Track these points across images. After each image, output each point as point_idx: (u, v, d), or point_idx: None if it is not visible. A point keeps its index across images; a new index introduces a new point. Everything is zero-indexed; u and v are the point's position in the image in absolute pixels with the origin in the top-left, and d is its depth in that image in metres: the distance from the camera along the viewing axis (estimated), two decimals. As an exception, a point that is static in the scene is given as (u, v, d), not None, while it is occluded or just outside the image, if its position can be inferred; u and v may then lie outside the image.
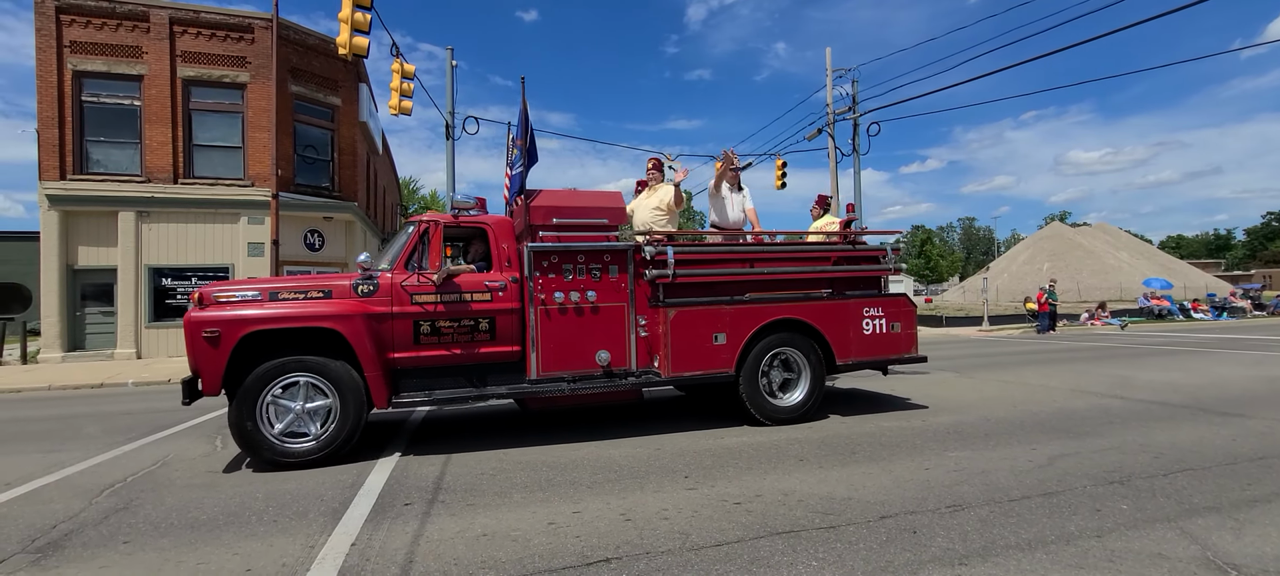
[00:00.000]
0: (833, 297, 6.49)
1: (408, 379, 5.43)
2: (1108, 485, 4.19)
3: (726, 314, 6.01)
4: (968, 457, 4.93)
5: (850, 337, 6.43)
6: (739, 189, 7.42)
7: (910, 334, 6.72)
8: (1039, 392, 8.02)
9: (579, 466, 4.85)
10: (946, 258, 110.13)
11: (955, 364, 11.58)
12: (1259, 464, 4.64)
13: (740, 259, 6.40)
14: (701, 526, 3.56)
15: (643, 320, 5.88)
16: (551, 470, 4.76)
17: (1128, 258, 54.98)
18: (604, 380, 5.70)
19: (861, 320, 6.50)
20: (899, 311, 6.68)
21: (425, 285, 5.34)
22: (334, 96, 18.86)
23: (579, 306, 5.69)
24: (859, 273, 6.74)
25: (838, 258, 6.68)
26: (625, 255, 5.87)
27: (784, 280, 6.39)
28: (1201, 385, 8.44)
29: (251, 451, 4.95)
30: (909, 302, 6.80)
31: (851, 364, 6.45)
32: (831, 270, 6.59)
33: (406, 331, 5.30)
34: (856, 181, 24.94)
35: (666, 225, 6.78)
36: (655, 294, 5.95)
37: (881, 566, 3.01)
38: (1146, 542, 3.25)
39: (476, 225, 5.76)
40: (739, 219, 7.36)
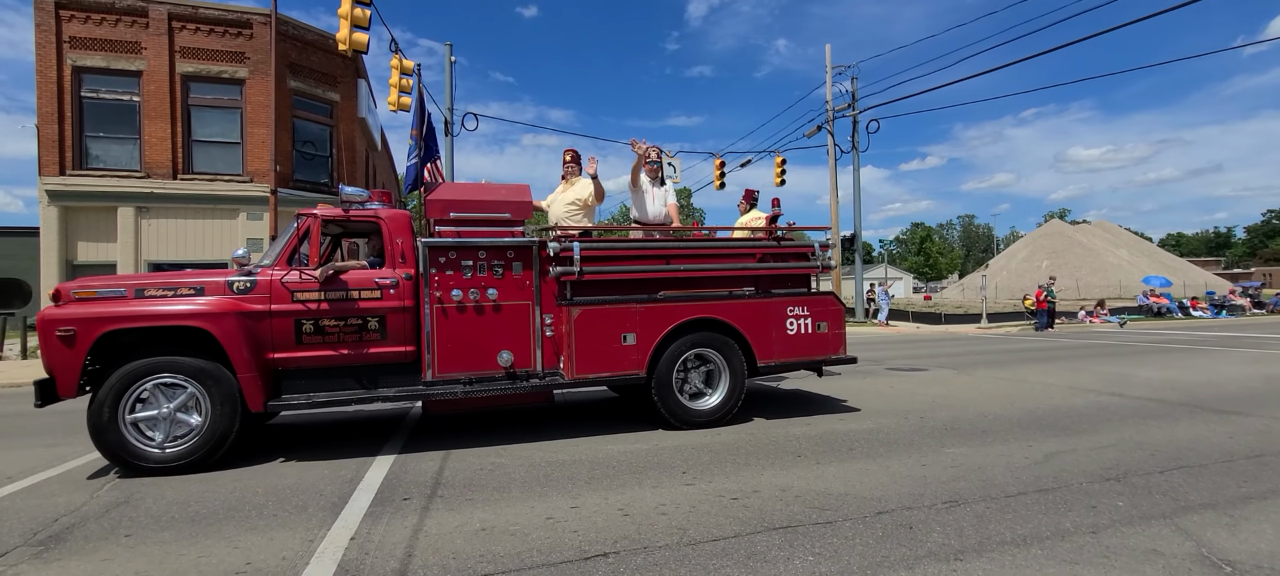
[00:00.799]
0: (756, 296, 6.23)
1: (291, 380, 5.20)
2: (1104, 482, 4.21)
3: (636, 313, 5.72)
4: (965, 454, 4.95)
5: (773, 338, 6.15)
6: (660, 183, 7.22)
7: (838, 334, 6.50)
8: (1037, 390, 8.04)
9: (577, 463, 4.86)
10: (946, 255, 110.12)
11: (954, 361, 11.61)
12: (1255, 461, 4.66)
13: (656, 255, 6.12)
14: (699, 521, 3.57)
15: (549, 319, 5.69)
16: (549, 466, 4.78)
17: (1127, 255, 55.00)
18: (506, 382, 5.51)
19: (785, 320, 6.23)
20: (826, 311, 6.43)
21: (308, 282, 5.10)
22: (333, 92, 18.84)
23: (479, 305, 5.48)
24: (786, 270, 6.52)
25: (763, 254, 6.45)
26: (529, 251, 5.65)
27: (704, 277, 6.16)
28: (1199, 383, 8.46)
29: (112, 457, 4.69)
30: (837, 302, 6.59)
31: (774, 365, 6.20)
32: (757, 268, 6.36)
33: (287, 331, 5.06)
34: (856, 179, 24.94)
35: (583, 220, 6.54)
36: (563, 292, 5.74)
37: (877, 561, 3.03)
38: (1142, 539, 3.27)
39: (369, 219, 5.50)
40: (660, 214, 7.15)
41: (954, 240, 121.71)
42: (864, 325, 24.24)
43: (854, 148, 24.44)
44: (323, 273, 5.11)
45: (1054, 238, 61.14)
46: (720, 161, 24.15)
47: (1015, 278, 51.90)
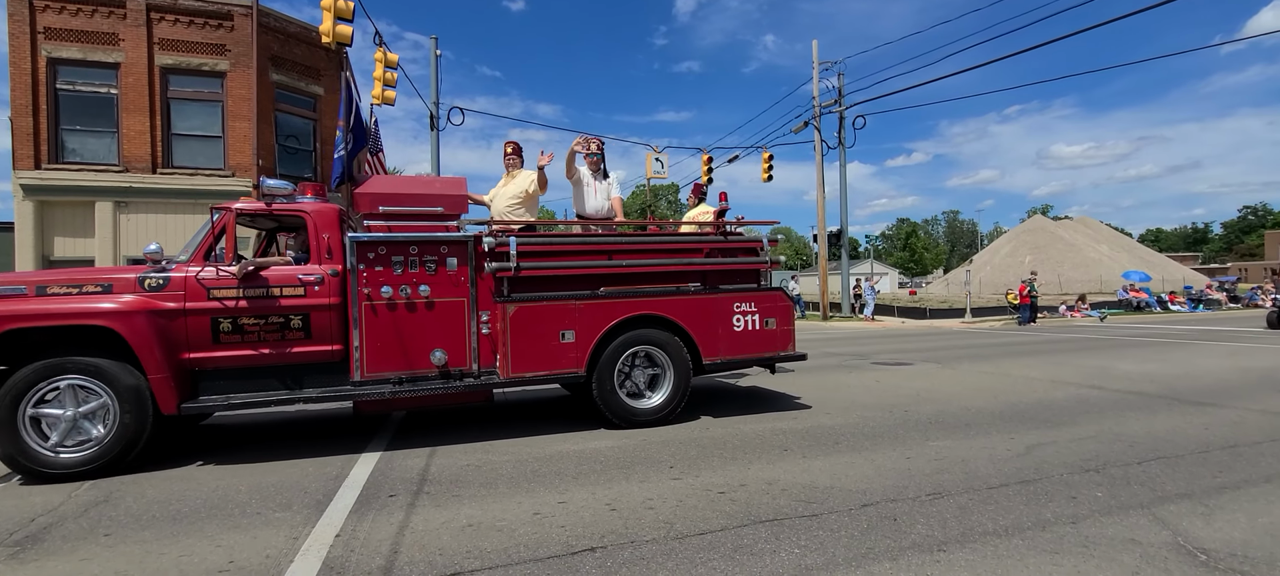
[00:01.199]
0: (702, 292, 6.10)
1: (209, 381, 5.01)
2: (1084, 473, 4.28)
3: (575, 310, 5.59)
4: (948, 447, 5.01)
5: (719, 335, 6.05)
6: (604, 176, 7.00)
7: (787, 330, 6.40)
8: (1019, 383, 8.15)
9: (564, 458, 4.86)
10: (931, 250, 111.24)
11: (938, 355, 11.73)
12: (1230, 452, 4.76)
13: (597, 251, 5.97)
14: (686, 515, 3.59)
15: (485, 316, 5.54)
16: (536, 462, 4.77)
17: (1108, 250, 55.84)
18: (439, 381, 5.36)
19: (732, 316, 6.12)
20: (774, 307, 6.32)
21: (225, 279, 4.90)
22: (316, 86, 18.61)
23: (411, 302, 5.32)
24: (734, 266, 6.38)
25: (710, 249, 6.33)
26: (464, 247, 5.50)
27: (647, 273, 6.00)
28: (1177, 375, 8.62)
29: (11, 463, 4.48)
30: (785, 298, 6.49)
31: (720, 363, 6.09)
32: (703, 263, 6.23)
33: (203, 329, 4.87)
34: (842, 175, 25.09)
35: (525, 214, 6.36)
36: (499, 288, 5.58)
37: (862, 553, 3.06)
38: (1120, 529, 3.33)
39: (292, 213, 5.30)
40: (602, 208, 6.91)
41: (939, 236, 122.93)
42: (851, 320, 24.43)
43: (840, 144, 24.57)
44: (240, 269, 4.92)
45: (1036, 233, 61.89)
46: (707, 157, 24.18)
47: (999, 273, 52.51)
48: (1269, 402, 6.59)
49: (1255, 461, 4.50)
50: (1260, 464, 4.44)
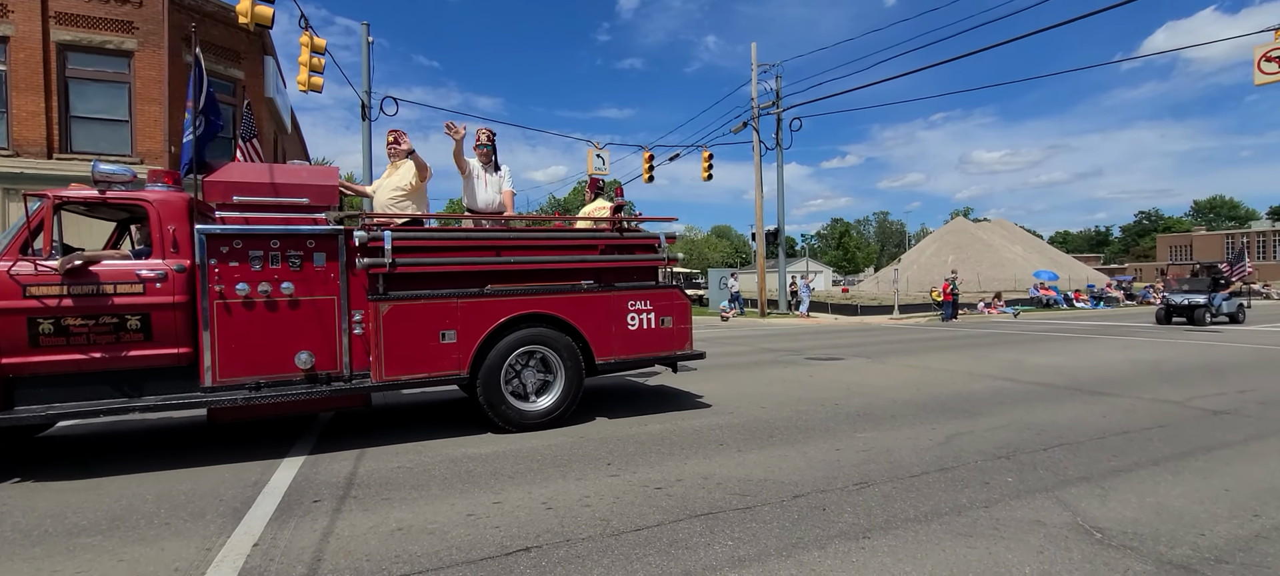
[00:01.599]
0: (596, 290, 5.90)
1: (27, 390, 4.46)
2: (997, 460, 4.55)
3: (457, 308, 5.32)
4: (875, 438, 5.22)
5: (612, 334, 5.90)
6: (495, 168, 6.73)
7: (684, 329, 6.26)
8: (941, 376, 8.59)
9: (500, 458, 4.78)
10: (863, 250, 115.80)
11: (868, 351, 12.22)
12: (1123, 437, 5.17)
13: (484, 246, 5.71)
14: (622, 512, 3.60)
15: (358, 316, 5.20)
16: (472, 462, 4.67)
17: (1022, 251, 59.58)
18: (305, 385, 4.99)
19: (627, 315, 5.96)
20: (671, 305, 6.19)
21: (46, 275, 4.39)
22: (236, 69, 17.55)
23: (272, 301, 4.91)
24: (631, 263, 6.18)
25: (606, 246, 6.13)
26: (334, 241, 5.12)
27: (538, 270, 5.79)
28: (1079, 368, 9.29)
29: None
30: (683, 296, 6.35)
31: (614, 363, 5.93)
32: (598, 260, 6.04)
33: (18, 332, 4.34)
34: (779, 175, 25.75)
35: (410, 206, 6.05)
36: (374, 286, 5.24)
37: (792, 543, 3.15)
38: (1027, 511, 3.56)
39: (131, 202, 4.81)
40: (493, 201, 6.64)
41: (870, 236, 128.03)
42: (787, 316, 25.11)
43: (778, 144, 25.20)
44: (63, 264, 4.41)
45: (958, 234, 65.36)
46: (649, 155, 24.31)
47: (924, 272, 55.13)
48: (1158, 392, 7.20)
49: (1145, 446, 4.90)
50: (1149, 448, 4.84)
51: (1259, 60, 12.83)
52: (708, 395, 7.32)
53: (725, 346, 13.36)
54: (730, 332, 17.39)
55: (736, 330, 18.43)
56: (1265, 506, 3.60)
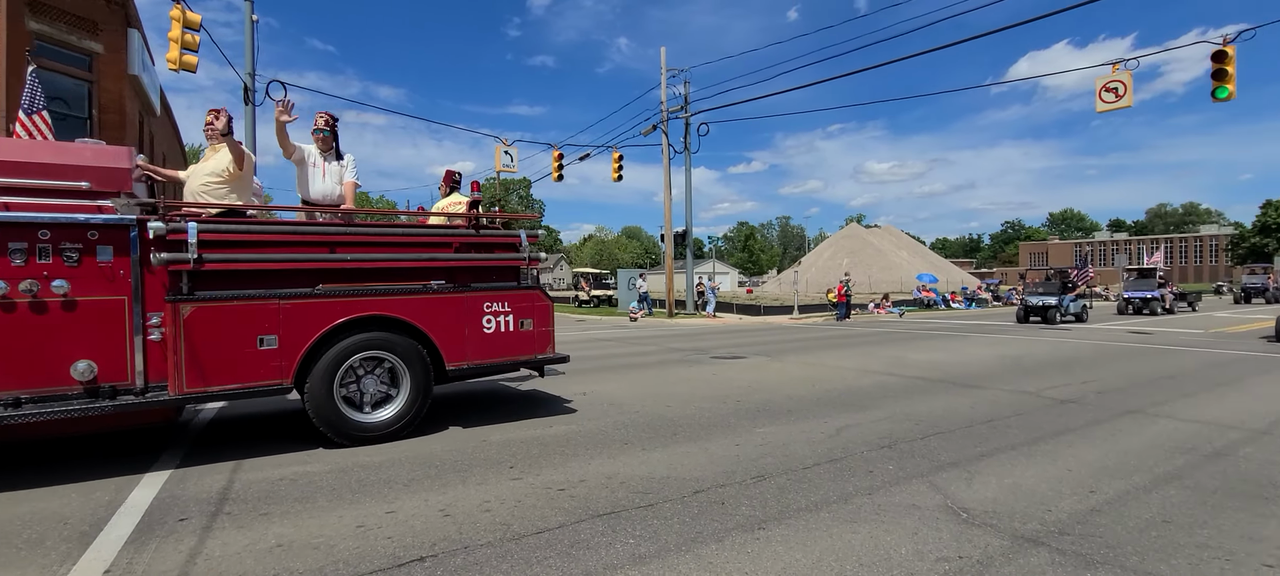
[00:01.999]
0: (448, 291, 5.52)
1: None
2: (880, 449, 4.88)
3: (278, 311, 4.74)
4: (773, 433, 5.45)
5: (466, 338, 5.53)
6: (337, 156, 6.09)
7: (545, 332, 5.99)
8: (834, 373, 9.11)
9: (395, 465, 4.56)
10: (767, 252, 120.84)
11: (769, 349, 12.74)
12: (988, 425, 5.70)
13: (315, 242, 5.13)
14: (524, 515, 3.54)
15: (156, 319, 4.54)
16: (364, 470, 4.42)
17: (907, 256, 64.32)
18: (83, 400, 4.27)
19: (482, 317, 5.63)
20: (531, 307, 5.89)
21: None
22: (92, 41, 15.65)
23: (39, 302, 4.19)
24: (489, 262, 5.85)
25: (461, 244, 5.77)
26: (123, 233, 4.43)
27: (381, 269, 5.34)
28: (954, 362, 10.16)
29: None
30: (544, 298, 6.06)
31: (468, 369, 5.57)
32: (452, 259, 5.66)
33: None
34: (687, 178, 26.32)
35: (231, 196, 5.45)
36: (176, 285, 4.57)
37: (692, 538, 3.23)
38: (905, 496, 3.84)
39: None
40: (330, 192, 6.00)
41: (774, 239, 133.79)
42: (694, 316, 25.71)
43: (686, 148, 25.76)
44: None
45: (852, 239, 69.58)
46: (558, 154, 24.10)
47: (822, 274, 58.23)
48: (1017, 383, 8.00)
49: (1005, 432, 5.43)
50: (1009, 434, 5.37)
51: (1100, 90, 14.58)
52: (615, 395, 7.35)
53: (634, 346, 13.49)
54: (639, 333, 17.58)
55: (645, 330, 18.66)
56: (1100, 483, 4.08)
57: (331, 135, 6.09)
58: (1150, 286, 23.95)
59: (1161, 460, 4.59)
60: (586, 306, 33.80)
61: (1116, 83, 14.14)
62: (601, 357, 11.35)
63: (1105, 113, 14.68)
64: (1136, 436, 5.28)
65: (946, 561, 2.95)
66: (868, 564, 2.93)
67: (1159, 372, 8.90)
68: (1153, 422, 5.78)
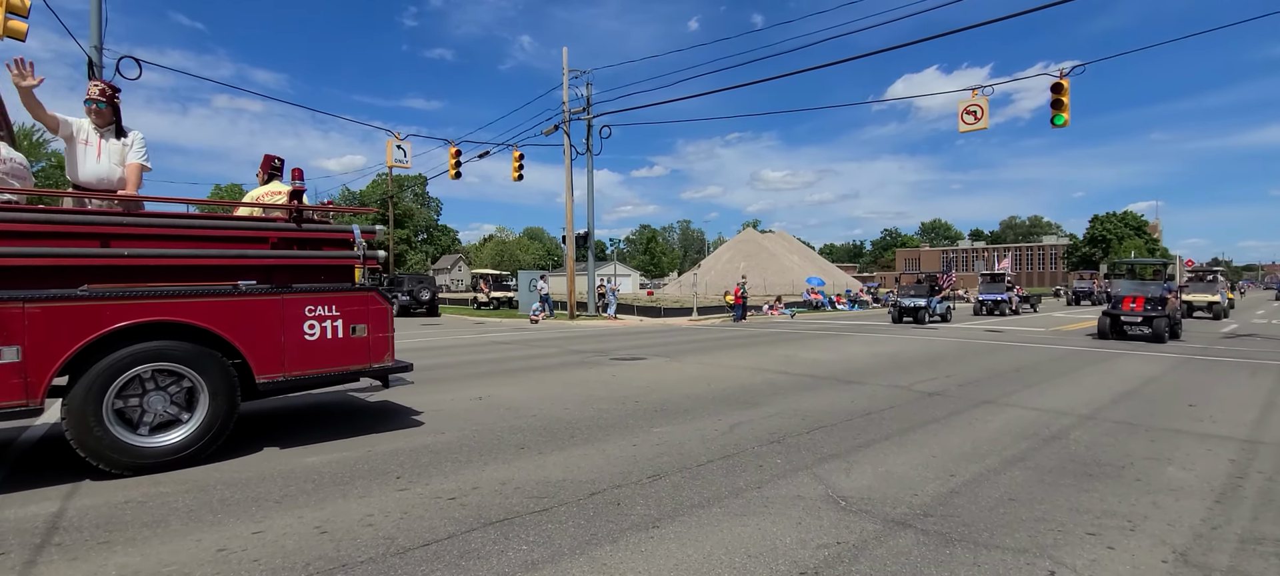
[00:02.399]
0: (260, 292, 4.85)
1: None
2: (769, 445, 5.10)
3: (20, 316, 3.96)
4: (669, 432, 5.55)
5: (283, 347, 4.89)
6: (118, 134, 5.21)
7: (382, 338, 5.41)
8: (729, 372, 9.43)
9: (267, 480, 4.20)
10: (668, 255, 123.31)
11: (668, 350, 12.99)
12: (865, 418, 6.12)
13: (79, 233, 4.36)
14: (410, 528, 3.36)
15: None
16: (230, 488, 4.03)
17: (798, 260, 67.94)
18: None
19: (304, 323, 5.00)
20: (366, 311, 5.31)
21: None
22: (-111, -4, 13.23)
23: None
24: (314, 260, 5.25)
25: (279, 239, 5.12)
26: None
27: (174, 266, 4.63)
28: (837, 360, 10.84)
29: None
30: (381, 300, 5.46)
31: (285, 381, 4.93)
32: (266, 256, 5.00)
33: None
34: (589, 179, 26.31)
35: None
36: None
37: (586, 540, 3.21)
38: (791, 488, 4.04)
39: None
40: (108, 175, 5.13)
41: (675, 242, 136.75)
42: (596, 318, 25.72)
43: (588, 150, 25.74)
44: None
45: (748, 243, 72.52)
46: (456, 150, 23.29)
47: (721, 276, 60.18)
48: (892, 379, 8.66)
49: (880, 424, 5.86)
50: (883, 426, 5.79)
51: (961, 113, 16.13)
52: (512, 399, 7.19)
53: (533, 349, 13.28)
54: (539, 335, 17.33)
55: (545, 332, 18.43)
56: (959, 467, 4.50)
57: (109, 108, 5.15)
58: (1000, 290, 26.80)
59: (1009, 444, 5.13)
60: (486, 308, 32.89)
61: (975, 106, 15.69)
62: (499, 361, 11.08)
63: (966, 133, 16.28)
64: (990, 424, 5.87)
65: (826, 548, 3.12)
66: (756, 554, 3.04)
67: (1009, 366, 9.97)
68: (1003, 411, 6.46)
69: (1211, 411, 6.50)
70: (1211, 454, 4.89)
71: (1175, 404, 6.91)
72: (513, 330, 19.50)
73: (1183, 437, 5.40)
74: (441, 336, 16.60)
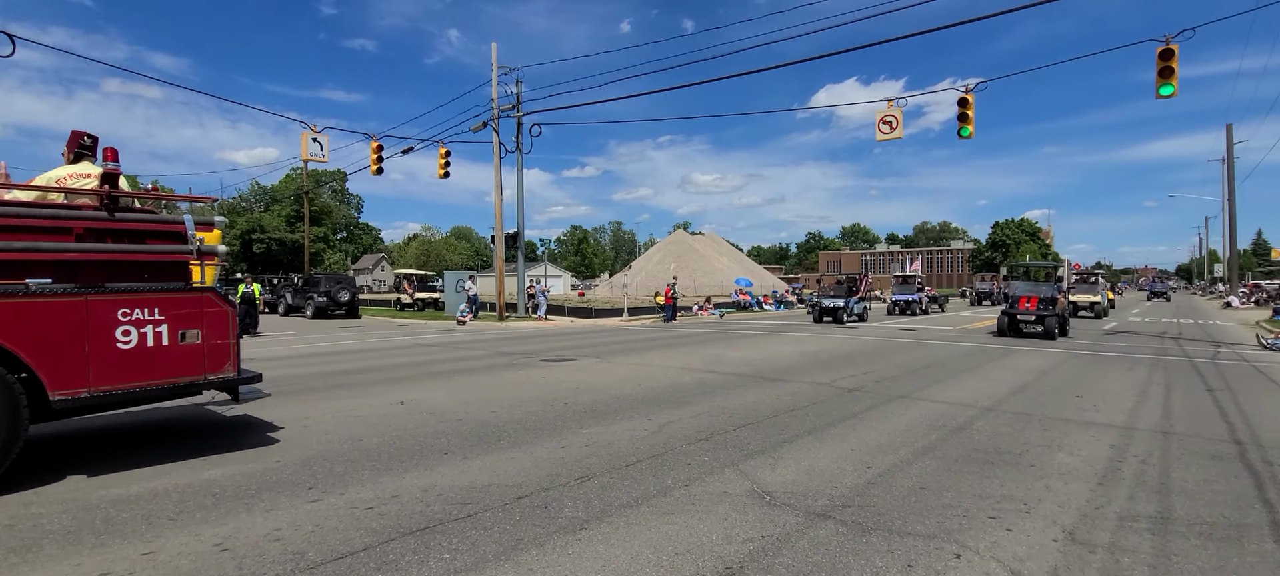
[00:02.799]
0: (56, 293, 4.12)
1: None
2: (698, 442, 5.17)
3: None
4: (599, 432, 5.52)
5: (87, 357, 4.18)
6: None
7: (221, 345, 4.70)
8: (658, 371, 9.50)
9: (159, 496, 3.86)
10: (599, 256, 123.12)
11: (598, 351, 12.95)
12: (790, 415, 6.31)
13: None
14: (323, 541, 3.18)
15: None
16: (113, 507, 3.68)
17: (727, 261, 69.46)
18: None
19: (117, 328, 4.30)
20: (198, 315, 4.59)
21: None
22: None
23: None
24: (133, 255, 4.59)
25: (87, 230, 4.45)
26: None
27: None
28: (764, 360, 11.13)
29: None
30: (217, 301, 4.73)
31: (89, 398, 4.21)
32: (70, 250, 4.33)
33: None
34: (519, 178, 25.89)
35: None
36: None
37: (512, 545, 3.13)
38: (718, 484, 4.10)
39: None
40: None
41: (606, 243, 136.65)
42: (526, 320, 25.32)
43: (518, 148, 25.31)
44: None
45: (679, 245, 73.47)
46: (377, 145, 22.33)
47: (651, 277, 60.66)
48: (814, 376, 8.98)
49: (804, 420, 6.05)
50: (806, 421, 5.99)
51: (878, 122, 16.97)
52: (436, 403, 6.96)
53: (460, 351, 12.91)
54: (466, 337, 16.88)
55: (473, 334, 17.97)
56: (876, 459, 4.71)
57: None
58: (911, 291, 28.39)
59: (920, 436, 5.42)
60: (410, 310, 31.72)
61: (891, 117, 16.54)
62: (424, 364, 10.70)
63: (883, 142, 17.11)
64: (903, 417, 6.19)
65: (751, 542, 3.19)
66: (683, 552, 3.07)
67: (921, 363, 10.55)
68: (915, 405, 6.82)
69: (1095, 402, 7.11)
70: (1095, 440, 5.35)
71: (1065, 395, 7.52)
72: (438, 332, 18.90)
73: (1071, 426, 5.88)
74: (361, 339, 15.86)
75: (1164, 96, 12.75)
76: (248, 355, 12.31)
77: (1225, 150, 37.64)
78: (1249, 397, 7.44)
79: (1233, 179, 37.16)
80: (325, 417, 6.17)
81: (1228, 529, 3.42)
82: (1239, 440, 5.37)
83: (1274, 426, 5.92)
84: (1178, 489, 4.09)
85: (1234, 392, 7.78)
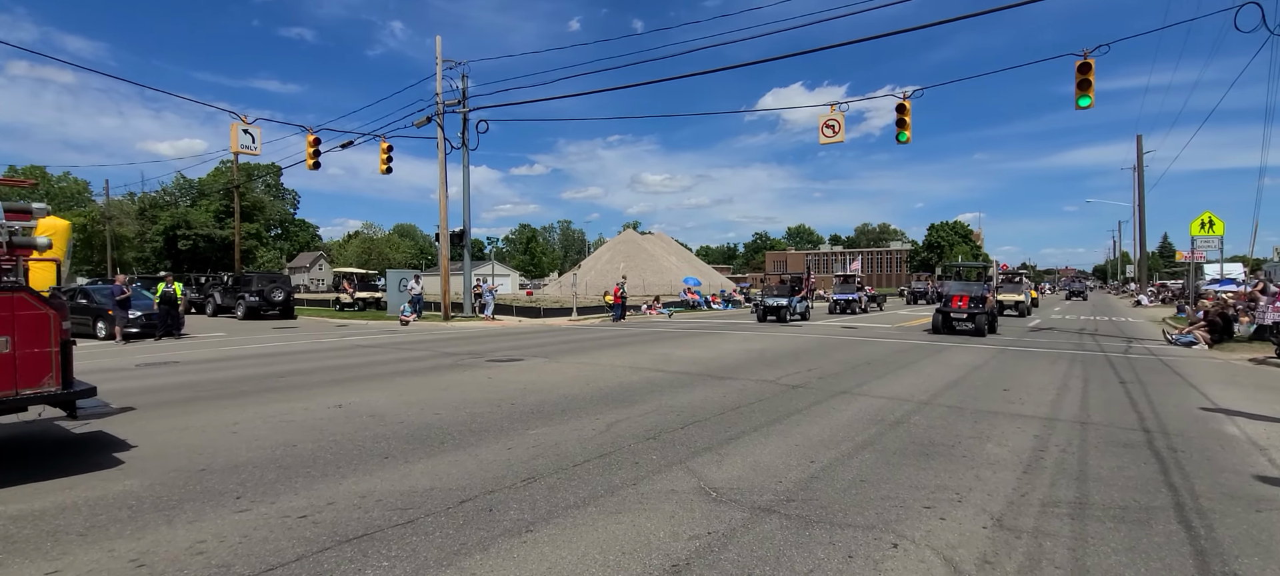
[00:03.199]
0: None
1: None
2: (645, 441, 5.17)
3: None
4: (546, 433, 5.45)
5: None
6: None
7: (41, 354, 4.16)
8: (607, 371, 9.47)
9: (69, 510, 3.58)
10: (548, 255, 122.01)
11: (547, 351, 12.81)
12: (736, 412, 6.40)
13: None
14: (251, 552, 3.01)
15: None
16: (16, 523, 3.39)
17: (676, 261, 70.01)
18: None
19: None
20: (7, 317, 4.05)
21: None
22: None
23: None
24: None
25: None
26: None
27: None
28: (712, 358, 11.26)
29: None
30: (33, 303, 4.20)
31: None
32: None
33: None
34: (465, 175, 25.35)
35: None
36: None
37: (454, 551, 3.05)
38: (666, 482, 4.11)
39: None
40: None
41: (555, 242, 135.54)
42: (472, 319, 24.82)
43: (464, 144, 24.78)
44: None
45: (628, 244, 73.58)
46: (314, 137, 21.42)
47: (600, 277, 60.51)
48: (760, 374, 9.14)
49: (750, 417, 6.15)
50: (753, 418, 6.08)
51: (822, 126, 17.45)
52: (376, 405, 6.72)
53: (403, 353, 12.53)
54: (409, 338, 16.40)
55: (417, 335, 17.48)
56: (819, 454, 4.82)
57: None
58: (852, 290, 29.34)
59: (861, 430, 5.59)
60: (350, 310, 30.59)
61: (833, 121, 17.02)
62: (364, 365, 10.33)
63: (826, 145, 17.61)
64: (844, 412, 6.37)
65: (697, 539, 3.21)
66: (630, 551, 3.05)
67: (861, 359, 10.90)
68: (856, 400, 7.03)
69: (1021, 394, 7.51)
70: (1021, 431, 5.64)
71: (994, 389, 7.91)
72: (380, 332, 18.30)
73: (999, 418, 6.18)
74: (297, 340, 15.18)
75: (1083, 107, 13.59)
76: (171, 358, 11.60)
77: (1136, 159, 40.53)
78: (1156, 388, 8.01)
79: (1142, 186, 40.04)
80: (256, 422, 5.87)
81: (1138, 512, 3.66)
82: (1147, 428, 5.77)
83: (1177, 415, 6.39)
84: (1094, 475, 4.35)
85: (1144, 384, 8.36)
